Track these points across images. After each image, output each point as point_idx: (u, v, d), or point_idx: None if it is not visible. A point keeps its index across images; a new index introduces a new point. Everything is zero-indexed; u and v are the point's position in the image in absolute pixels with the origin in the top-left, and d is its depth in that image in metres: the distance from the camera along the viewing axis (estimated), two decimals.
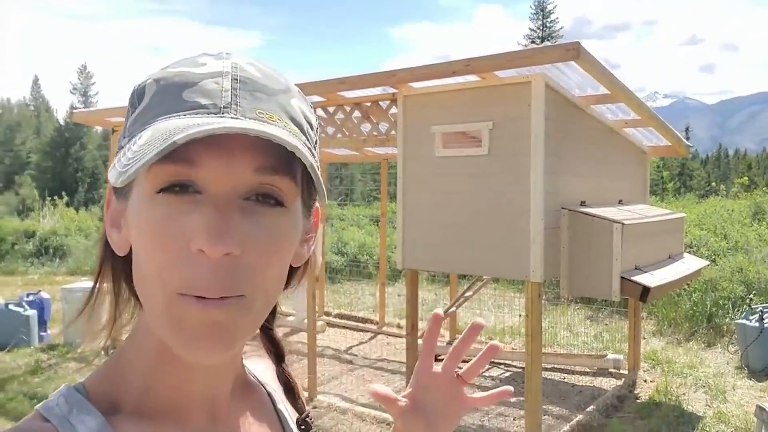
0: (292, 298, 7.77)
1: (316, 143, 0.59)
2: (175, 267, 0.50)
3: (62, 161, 52.29)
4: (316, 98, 4.96)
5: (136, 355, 0.59)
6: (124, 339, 0.62)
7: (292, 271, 0.63)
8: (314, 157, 0.56)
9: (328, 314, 8.40)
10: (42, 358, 6.59)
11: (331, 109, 5.03)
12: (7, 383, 5.80)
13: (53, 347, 6.93)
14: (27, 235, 14.17)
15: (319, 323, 7.32)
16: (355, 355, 6.64)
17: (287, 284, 0.62)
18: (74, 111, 8.77)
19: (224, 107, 0.50)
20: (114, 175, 0.48)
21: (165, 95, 0.52)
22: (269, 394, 0.72)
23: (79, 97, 60.08)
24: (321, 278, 8.35)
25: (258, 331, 0.71)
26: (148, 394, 0.58)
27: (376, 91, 4.72)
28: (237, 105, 0.51)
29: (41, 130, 60.25)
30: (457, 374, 0.79)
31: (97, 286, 0.61)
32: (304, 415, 0.72)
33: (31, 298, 7.40)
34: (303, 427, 0.71)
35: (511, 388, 0.79)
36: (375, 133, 4.86)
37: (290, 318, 7.82)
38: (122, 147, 0.53)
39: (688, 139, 5.98)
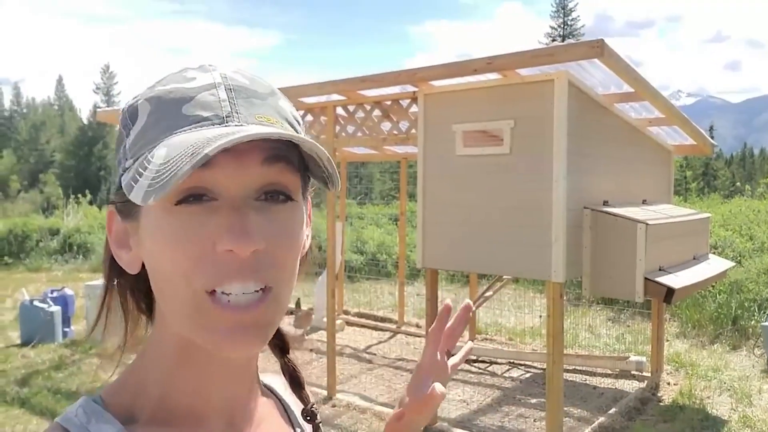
0: (312, 296, 7.79)
1: (328, 158, 0.62)
2: (203, 268, 0.52)
3: (86, 160, 53.09)
4: (337, 96, 4.96)
5: (153, 364, 0.60)
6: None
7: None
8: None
9: (347, 313, 8.41)
10: (66, 353, 6.69)
11: (351, 108, 5.02)
12: (32, 378, 5.89)
13: (77, 343, 7.03)
14: (51, 232, 14.38)
15: (338, 322, 7.33)
16: (374, 354, 6.63)
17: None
18: (97, 110, 8.89)
19: (226, 117, 0.53)
20: (141, 195, 0.49)
21: (163, 113, 0.54)
22: (281, 402, 0.74)
23: (102, 97, 60.95)
24: (340, 277, 8.35)
25: None
26: (166, 402, 0.59)
27: (396, 89, 4.70)
28: (237, 113, 0.54)
29: (65, 130, 61.23)
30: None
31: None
32: (310, 405, 0.74)
33: (55, 294, 7.51)
34: (309, 417, 0.74)
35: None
36: (395, 132, 4.84)
37: (299, 314, 7.85)
38: (127, 168, 0.54)
39: (712, 138, 5.87)
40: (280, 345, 0.76)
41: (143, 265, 0.58)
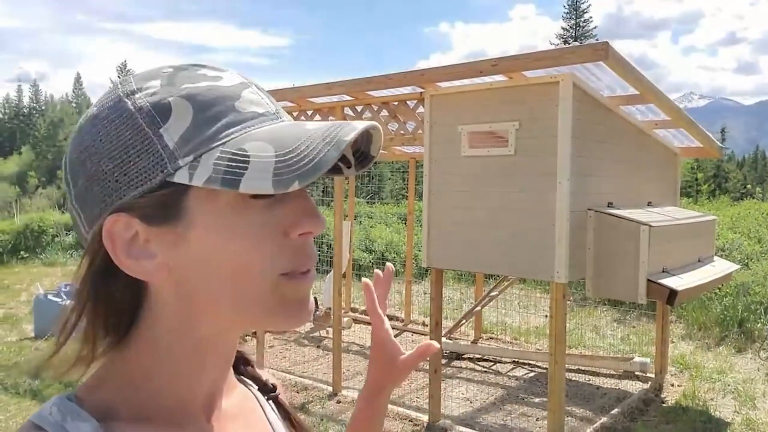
0: (320, 293, 7.87)
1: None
2: (280, 254, 0.56)
3: None
4: (345, 97, 5.03)
5: (140, 361, 0.59)
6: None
7: None
8: None
9: (354, 310, 8.48)
10: (77, 347, 6.80)
11: (359, 108, 5.09)
12: (44, 371, 6.00)
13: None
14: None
15: (345, 319, 7.40)
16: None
17: None
18: None
19: (275, 113, 0.58)
20: (268, 183, 0.50)
21: (215, 110, 0.54)
22: (250, 390, 0.76)
23: None
24: (348, 275, 8.43)
25: None
26: (147, 397, 0.58)
27: (403, 90, 4.77)
28: (278, 109, 0.59)
29: None
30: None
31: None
32: (262, 383, 0.77)
33: (69, 288, 7.63)
34: (265, 389, 0.77)
35: (435, 344, 0.90)
36: (402, 132, 4.90)
37: (317, 314, 7.93)
38: (181, 166, 0.52)
39: (723, 140, 5.88)
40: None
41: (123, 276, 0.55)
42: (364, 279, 0.92)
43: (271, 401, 0.77)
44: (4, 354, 6.60)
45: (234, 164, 0.51)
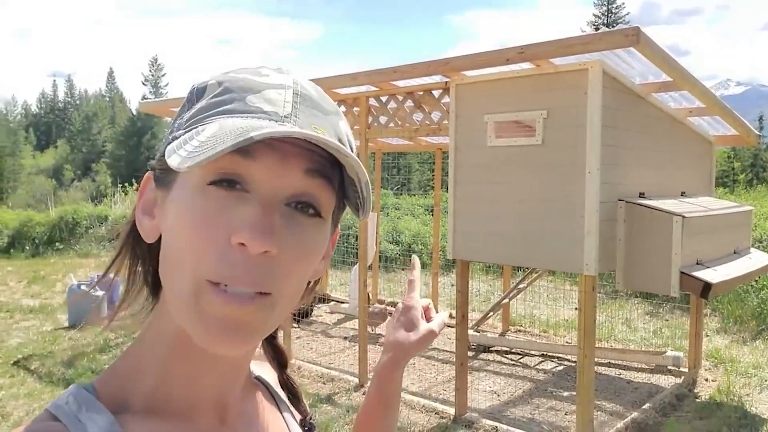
0: (347, 285, 7.87)
1: (366, 182, 0.61)
2: (211, 255, 0.52)
3: (135, 150, 54.56)
4: (369, 87, 4.98)
5: (149, 352, 0.60)
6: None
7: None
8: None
9: (381, 302, 8.46)
10: (110, 336, 6.94)
11: (384, 99, 5.04)
12: (77, 359, 6.14)
13: (121, 327, 7.28)
14: (100, 219, 14.89)
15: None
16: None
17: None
18: (141, 101, 9.13)
19: (284, 116, 0.54)
20: (177, 160, 0.50)
21: (228, 96, 0.55)
22: (269, 391, 0.74)
23: (150, 88, 62.44)
24: (374, 267, 8.42)
25: (263, 340, 0.74)
26: (159, 392, 0.58)
27: (428, 80, 4.70)
28: (296, 117, 0.54)
29: (116, 120, 63.01)
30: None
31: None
32: (309, 417, 0.75)
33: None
34: (307, 428, 0.74)
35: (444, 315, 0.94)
36: (427, 123, 4.84)
37: (344, 305, 7.94)
38: (176, 137, 0.55)
39: (761, 128, 5.68)
40: (279, 359, 0.77)
41: (159, 240, 0.58)
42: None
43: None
44: (39, 343, 6.76)
45: (187, 140, 0.53)
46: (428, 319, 0.92)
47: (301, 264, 0.55)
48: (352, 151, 0.59)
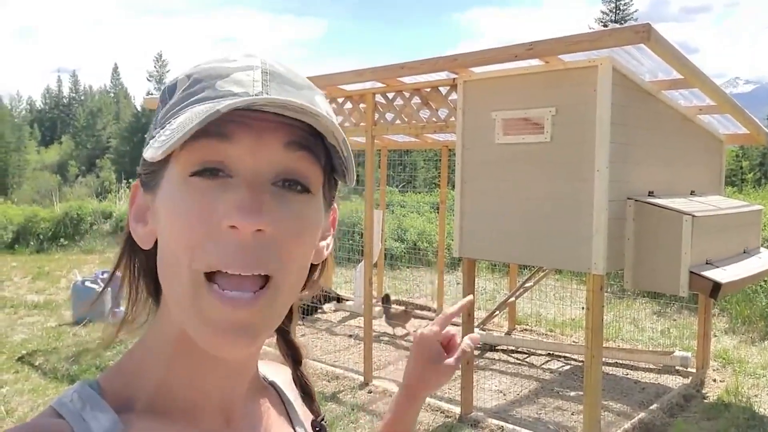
0: (352, 282, 7.85)
1: (343, 140, 0.60)
2: (205, 245, 0.51)
3: (139, 146, 54.56)
4: (376, 84, 4.94)
5: (153, 351, 0.59)
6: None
7: (311, 269, 0.64)
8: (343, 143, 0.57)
9: (387, 299, 8.43)
10: (124, 332, 6.93)
11: (390, 95, 5.00)
12: (82, 356, 6.13)
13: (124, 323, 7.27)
14: (104, 215, 14.90)
15: (377, 309, 7.36)
16: (412, 342, 6.63)
17: (305, 285, 0.62)
18: (146, 97, 9.12)
19: (255, 95, 0.52)
20: (150, 152, 0.50)
21: (199, 86, 0.54)
22: (281, 396, 0.72)
23: (155, 84, 62.59)
24: (380, 264, 8.39)
25: (276, 334, 0.73)
26: (163, 391, 0.58)
27: (436, 76, 4.66)
28: (267, 94, 0.53)
29: (120, 116, 63.16)
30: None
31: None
32: (320, 418, 0.73)
33: (105, 275, 7.78)
34: (318, 429, 0.73)
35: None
36: (434, 120, 4.80)
37: (350, 303, 7.92)
38: (153, 136, 0.55)
39: None
40: (293, 355, 0.75)
41: (156, 244, 0.57)
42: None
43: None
44: (44, 339, 6.75)
45: (160, 132, 0.52)
46: (451, 349, 0.88)
47: (299, 241, 0.54)
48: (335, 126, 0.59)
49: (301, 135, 0.54)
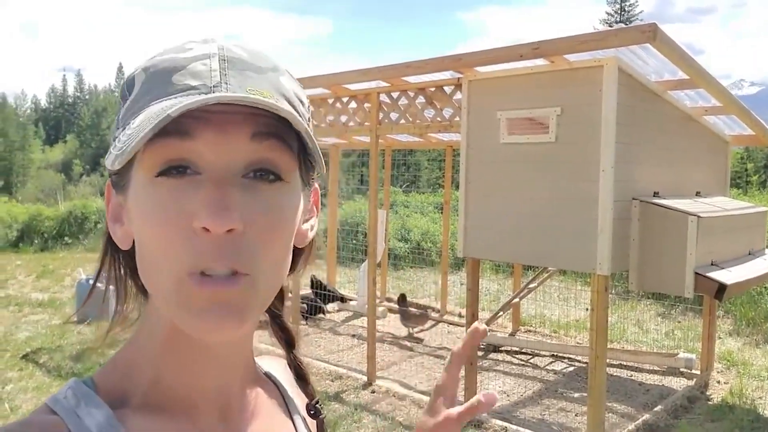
0: (356, 282, 7.85)
1: (309, 120, 0.59)
2: (180, 246, 0.50)
3: None
4: (380, 83, 4.94)
5: (145, 347, 0.58)
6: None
7: (298, 253, 0.63)
8: (309, 127, 0.55)
9: (390, 300, 8.42)
10: (117, 331, 6.94)
11: (395, 95, 4.99)
12: (86, 354, 6.14)
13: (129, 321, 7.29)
14: None
15: (381, 309, 7.36)
16: (416, 342, 6.63)
17: (293, 267, 0.62)
18: None
19: (214, 86, 0.50)
20: (110, 160, 0.49)
21: (154, 81, 0.52)
22: (280, 390, 0.71)
23: None
24: (383, 265, 8.38)
25: (269, 318, 0.72)
26: (158, 386, 0.57)
27: (440, 76, 4.65)
28: (226, 84, 0.51)
29: None
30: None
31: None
32: (314, 401, 0.72)
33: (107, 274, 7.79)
34: (312, 412, 0.72)
35: (494, 395, 0.65)
36: (439, 119, 4.79)
37: (353, 303, 7.91)
38: (116, 137, 0.53)
39: None
40: (287, 339, 0.74)
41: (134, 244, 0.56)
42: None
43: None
44: (48, 337, 6.77)
45: (119, 137, 0.51)
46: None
47: (275, 234, 0.53)
48: (303, 106, 0.57)
49: (268, 123, 0.52)
